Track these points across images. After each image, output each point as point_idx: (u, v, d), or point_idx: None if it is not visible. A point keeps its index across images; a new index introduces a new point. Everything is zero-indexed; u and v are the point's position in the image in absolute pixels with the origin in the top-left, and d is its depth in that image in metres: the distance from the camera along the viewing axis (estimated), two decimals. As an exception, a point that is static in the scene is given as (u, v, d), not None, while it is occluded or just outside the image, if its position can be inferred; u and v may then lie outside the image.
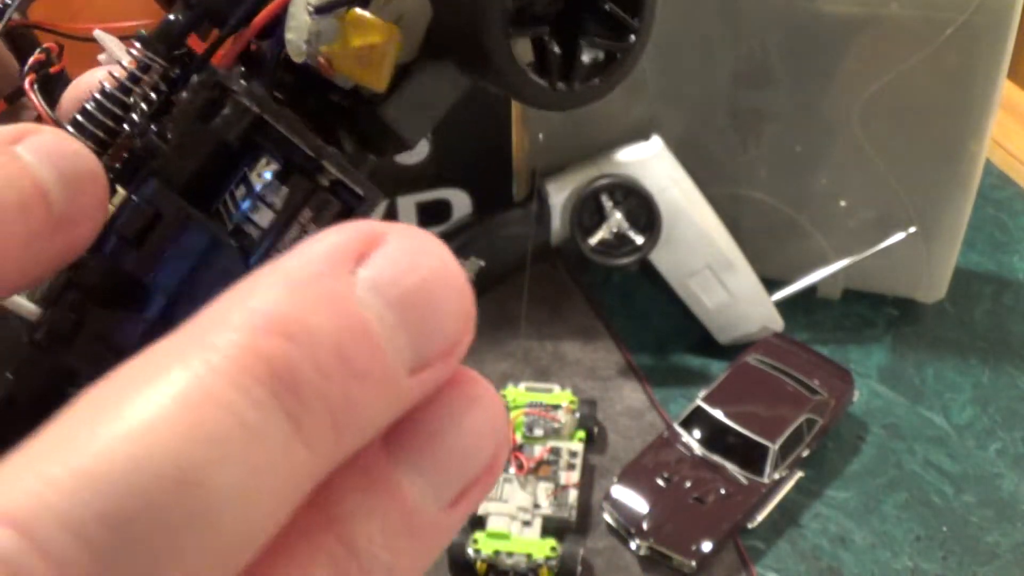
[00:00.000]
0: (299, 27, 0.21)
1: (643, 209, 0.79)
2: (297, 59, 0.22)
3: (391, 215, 0.84)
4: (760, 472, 0.70)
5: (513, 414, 0.72)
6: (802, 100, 0.79)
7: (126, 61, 0.22)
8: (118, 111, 0.22)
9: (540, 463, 0.70)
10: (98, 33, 0.28)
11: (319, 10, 0.21)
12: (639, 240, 0.79)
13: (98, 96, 0.22)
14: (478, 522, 0.67)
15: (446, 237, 0.95)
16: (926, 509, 0.72)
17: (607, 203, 0.79)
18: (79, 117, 0.22)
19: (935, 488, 0.73)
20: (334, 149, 0.21)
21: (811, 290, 0.86)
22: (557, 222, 0.81)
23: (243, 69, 0.22)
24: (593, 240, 0.80)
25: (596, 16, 0.23)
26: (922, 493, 0.73)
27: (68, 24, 0.32)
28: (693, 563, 0.66)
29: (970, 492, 0.73)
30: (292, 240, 0.21)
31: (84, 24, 0.31)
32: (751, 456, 0.71)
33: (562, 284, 0.90)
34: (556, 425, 0.72)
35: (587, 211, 0.80)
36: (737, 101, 0.80)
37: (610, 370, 0.82)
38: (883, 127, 0.78)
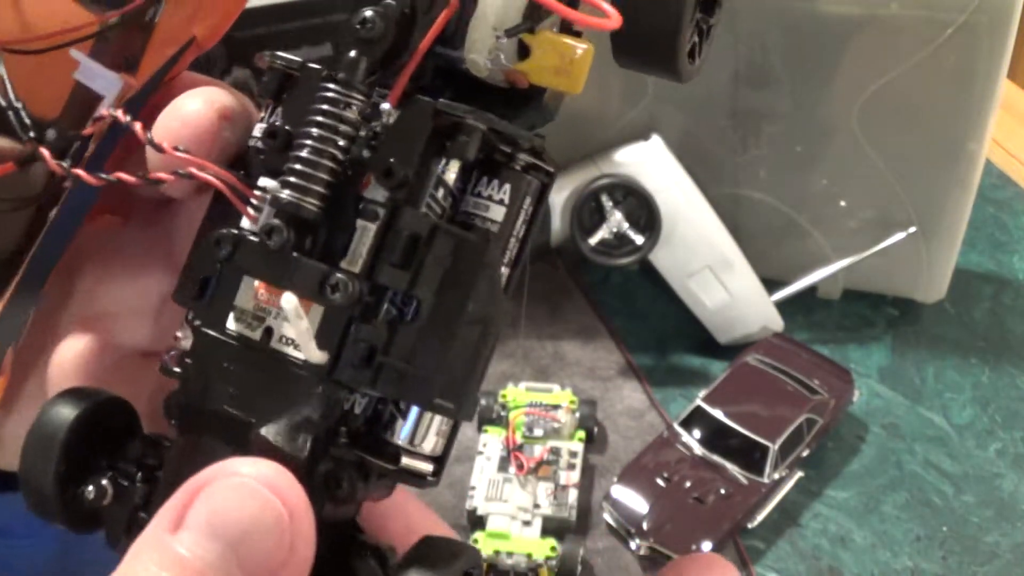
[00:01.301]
0: (481, 48, 0.24)
1: (643, 209, 0.79)
2: (480, 74, 0.24)
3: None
4: (760, 472, 0.70)
5: (513, 414, 0.72)
6: (802, 100, 0.79)
7: (323, 106, 0.24)
8: (334, 152, 0.23)
9: (540, 463, 0.70)
10: (75, 53, 0.28)
11: (509, 33, 0.24)
12: (639, 240, 0.79)
13: (312, 144, 0.23)
14: (478, 522, 0.67)
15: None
16: (926, 509, 0.72)
17: (607, 203, 0.79)
18: (301, 168, 0.23)
19: (935, 488, 0.73)
20: (528, 134, 0.25)
21: (811, 290, 0.86)
22: (557, 222, 0.81)
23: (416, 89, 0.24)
24: (593, 240, 0.80)
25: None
26: (922, 493, 0.73)
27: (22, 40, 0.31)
28: (693, 563, 0.66)
29: (970, 492, 0.73)
30: (521, 224, 0.25)
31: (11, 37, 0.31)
32: (751, 456, 0.71)
33: (562, 284, 0.90)
34: (556, 425, 0.72)
35: (587, 211, 0.80)
36: (737, 101, 0.80)
37: (610, 370, 0.82)
38: (883, 127, 0.78)
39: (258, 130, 0.25)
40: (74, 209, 0.30)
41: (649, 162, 0.80)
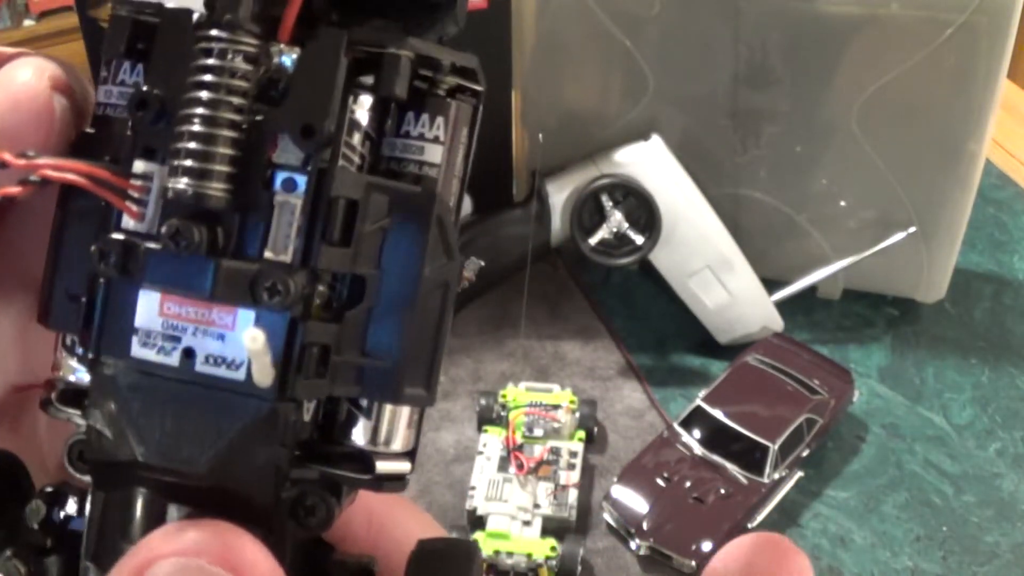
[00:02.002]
0: None
1: (643, 209, 0.79)
2: None
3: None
4: (760, 472, 0.70)
5: (513, 414, 0.72)
6: (802, 100, 0.79)
7: (210, 61, 0.19)
8: (233, 118, 0.19)
9: (540, 463, 0.70)
10: None
11: None
12: (639, 240, 0.79)
13: (202, 112, 0.19)
14: (478, 522, 0.67)
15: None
16: (926, 509, 0.72)
17: (607, 203, 0.79)
18: (195, 147, 0.19)
19: (935, 488, 0.73)
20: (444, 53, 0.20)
21: (811, 290, 0.86)
22: (557, 222, 0.81)
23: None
24: (593, 240, 0.80)
25: None
26: (922, 493, 0.73)
27: None
28: (693, 563, 0.66)
29: (970, 492, 0.73)
30: (461, 160, 0.22)
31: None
32: (751, 456, 0.71)
33: (562, 284, 0.90)
34: (556, 425, 0.72)
35: (587, 211, 0.80)
36: (737, 101, 0.80)
37: (610, 370, 0.82)
38: (883, 127, 0.78)
39: (108, 96, 0.20)
40: None
41: (649, 162, 0.80)
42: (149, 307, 0.19)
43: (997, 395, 0.80)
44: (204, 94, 0.19)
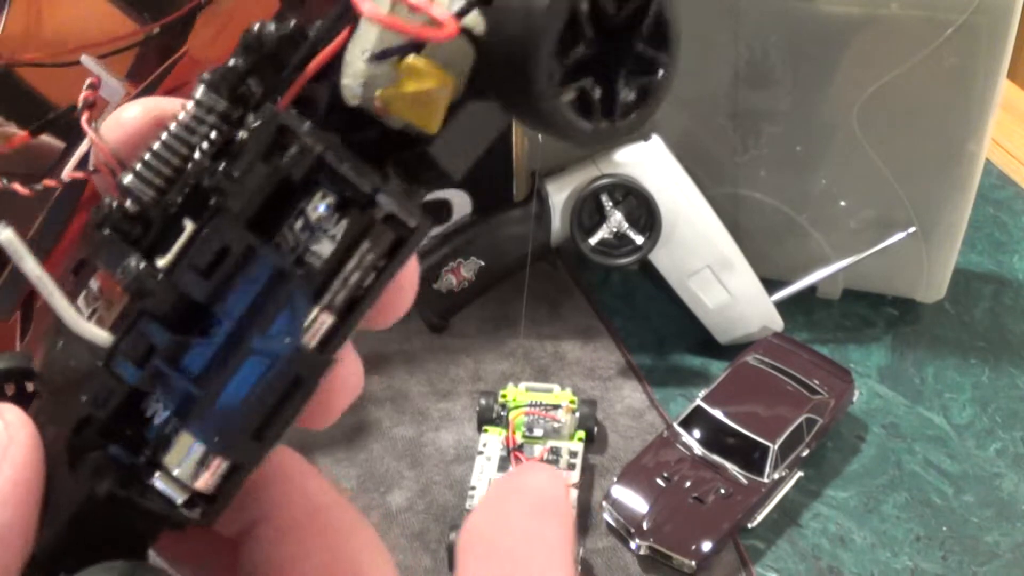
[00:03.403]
0: (354, 73, 0.22)
1: (643, 209, 0.79)
2: (352, 102, 0.23)
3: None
4: (760, 472, 0.70)
5: (513, 414, 0.72)
6: (802, 100, 0.79)
7: (190, 105, 0.23)
8: (185, 151, 0.23)
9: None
10: (85, 59, 0.29)
11: (376, 57, 0.22)
12: (639, 240, 0.79)
13: (165, 137, 0.23)
14: (478, 522, 0.67)
15: (446, 237, 0.95)
16: (926, 509, 0.72)
17: (607, 203, 0.79)
18: (148, 158, 0.23)
19: (935, 488, 0.73)
20: (389, 185, 0.23)
21: (811, 290, 0.86)
22: (557, 222, 0.81)
23: (296, 111, 0.23)
24: (593, 240, 0.80)
25: (628, 55, 0.24)
26: (922, 493, 0.73)
27: (45, 53, 0.32)
28: (693, 563, 0.66)
29: (970, 492, 0.73)
30: (352, 269, 0.23)
31: (57, 50, 0.31)
32: (751, 456, 0.71)
33: (562, 284, 0.90)
34: (556, 425, 0.72)
35: (587, 211, 0.80)
36: (737, 101, 0.80)
37: (610, 370, 0.82)
38: (883, 127, 0.78)
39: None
40: (63, 201, 0.30)
41: (649, 162, 0.80)
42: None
43: (997, 395, 0.80)
44: (173, 126, 0.23)
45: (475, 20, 0.22)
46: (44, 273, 0.22)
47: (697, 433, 0.72)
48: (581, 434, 0.73)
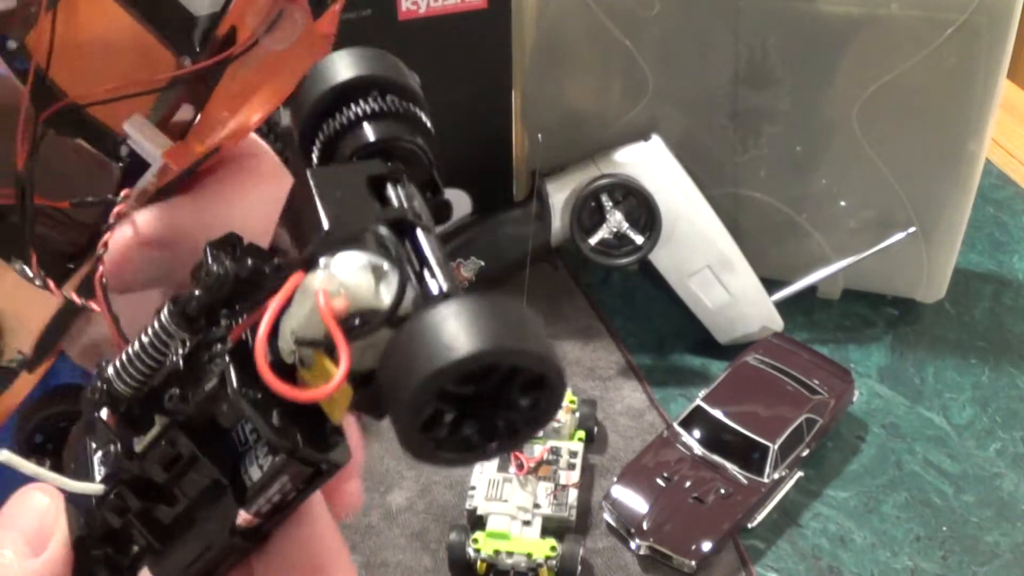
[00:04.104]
0: (286, 342, 0.25)
1: (643, 209, 0.79)
2: (287, 359, 0.26)
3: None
4: (760, 472, 0.70)
5: (513, 414, 0.72)
6: (802, 100, 0.79)
7: (157, 324, 0.28)
8: (151, 362, 0.28)
9: (540, 463, 0.70)
10: (131, 123, 0.29)
11: (298, 342, 0.25)
12: (639, 240, 0.79)
13: (136, 347, 0.28)
14: (478, 522, 0.67)
15: (446, 237, 0.95)
16: (926, 509, 0.72)
17: (607, 203, 0.79)
18: (123, 360, 0.28)
19: (935, 488, 0.73)
20: (306, 451, 0.27)
21: (811, 290, 0.86)
22: (557, 222, 0.81)
23: (230, 362, 0.27)
24: (593, 240, 0.80)
25: (506, 402, 0.25)
26: (922, 493, 0.73)
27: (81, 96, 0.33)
28: (693, 563, 0.66)
29: (970, 492, 0.73)
30: (274, 492, 0.27)
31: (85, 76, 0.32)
32: (751, 456, 0.71)
33: (562, 284, 0.90)
34: (556, 425, 0.72)
35: (587, 211, 0.80)
36: (737, 101, 0.80)
37: (610, 370, 0.82)
38: (883, 127, 0.78)
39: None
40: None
41: (649, 162, 0.80)
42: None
43: (997, 395, 0.80)
44: (144, 337, 0.28)
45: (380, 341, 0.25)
46: (40, 469, 0.28)
47: (697, 433, 0.72)
48: (581, 434, 0.73)
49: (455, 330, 0.24)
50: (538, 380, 0.25)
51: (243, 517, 0.28)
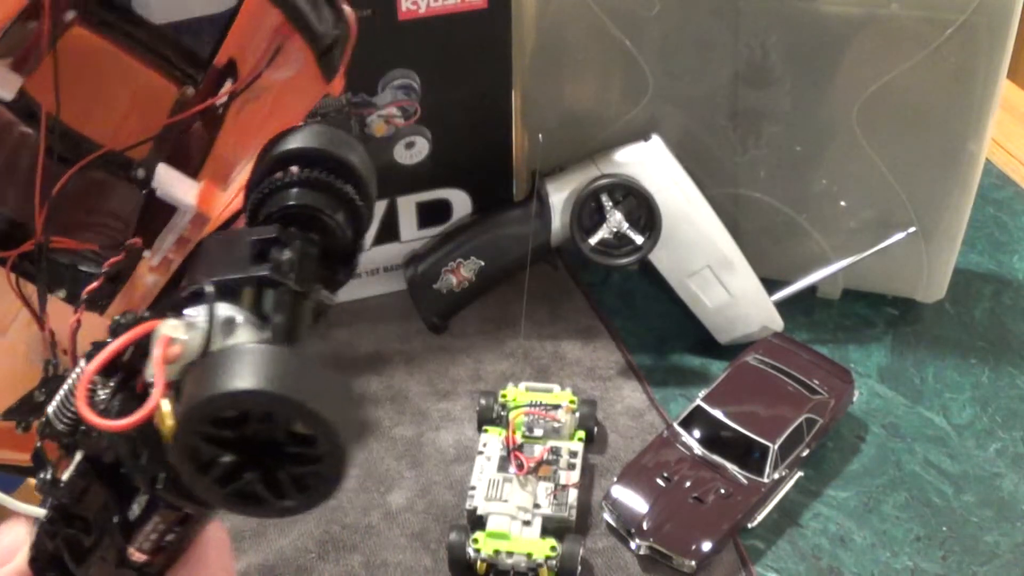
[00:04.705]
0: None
1: (643, 209, 0.79)
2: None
3: (391, 215, 0.84)
4: (760, 472, 0.70)
5: (513, 414, 0.72)
6: (802, 100, 0.79)
7: (74, 376, 0.31)
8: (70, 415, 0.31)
9: (540, 463, 0.70)
10: (161, 172, 0.31)
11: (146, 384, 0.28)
12: (639, 240, 0.79)
13: (62, 395, 0.31)
14: (478, 522, 0.67)
15: (446, 237, 0.95)
16: (926, 509, 0.72)
17: (607, 203, 0.79)
18: (56, 403, 0.31)
19: (935, 488, 0.73)
20: (166, 492, 0.30)
21: (811, 290, 0.86)
22: (557, 222, 0.81)
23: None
24: (593, 240, 0.80)
25: (284, 452, 0.28)
26: (922, 493, 0.73)
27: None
28: (693, 563, 0.67)
29: (970, 492, 0.73)
30: (150, 530, 0.31)
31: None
32: (751, 456, 0.71)
33: (562, 284, 0.90)
34: (556, 425, 0.72)
35: (587, 211, 0.80)
36: (737, 101, 0.80)
37: (610, 370, 0.82)
38: (883, 127, 0.78)
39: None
40: None
41: (649, 162, 0.80)
42: None
43: (997, 395, 0.80)
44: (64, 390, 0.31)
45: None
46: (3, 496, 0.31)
47: (697, 433, 0.72)
48: (581, 434, 0.73)
49: (224, 370, 0.26)
50: (310, 437, 0.26)
51: (133, 552, 0.31)
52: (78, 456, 0.30)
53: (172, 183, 0.33)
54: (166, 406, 0.27)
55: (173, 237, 0.34)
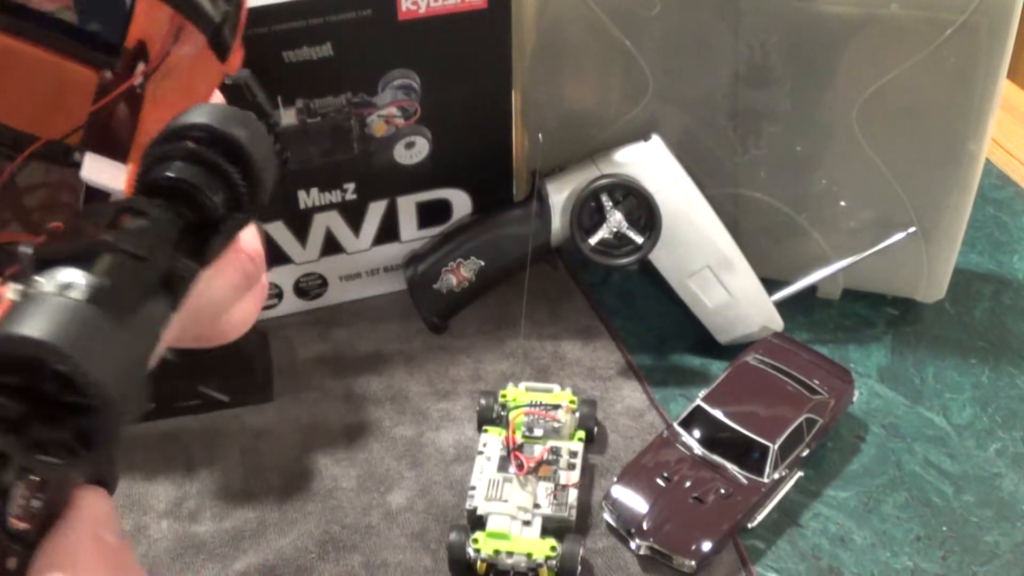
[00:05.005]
0: None
1: (643, 209, 0.79)
2: None
3: (391, 215, 0.84)
4: (760, 472, 0.70)
5: (513, 414, 0.72)
6: (802, 100, 0.79)
7: None
8: None
9: (540, 463, 0.70)
10: (88, 165, 0.32)
11: None
12: (639, 240, 0.79)
13: None
14: (478, 522, 0.67)
15: (446, 237, 0.95)
16: (926, 509, 0.72)
17: (607, 203, 0.79)
18: None
19: (935, 488, 0.73)
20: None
21: (811, 290, 0.86)
22: (557, 222, 0.81)
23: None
24: (593, 240, 0.80)
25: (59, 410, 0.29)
26: (922, 493, 0.73)
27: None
28: (693, 563, 0.67)
29: (970, 492, 0.73)
30: (20, 495, 0.32)
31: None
32: (751, 456, 0.71)
33: (562, 284, 0.90)
34: (556, 425, 0.72)
35: (587, 211, 0.80)
36: (737, 101, 0.80)
37: (610, 370, 0.82)
38: (883, 127, 0.78)
39: None
40: None
41: (649, 162, 0.80)
42: None
43: (997, 395, 0.80)
44: None
45: None
46: None
47: (697, 433, 0.73)
48: (581, 434, 0.73)
49: (7, 319, 0.28)
50: (85, 405, 0.28)
51: (11, 521, 0.32)
52: None
53: (99, 170, 0.34)
54: None
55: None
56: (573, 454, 0.72)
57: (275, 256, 0.82)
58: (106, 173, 0.35)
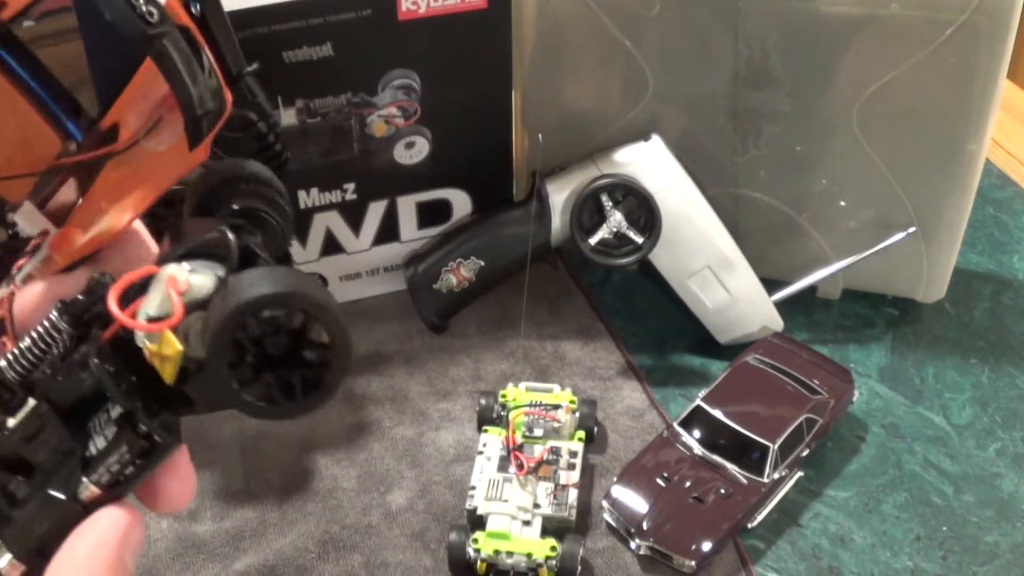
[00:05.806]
0: (141, 324, 0.33)
1: (643, 209, 0.79)
2: (140, 345, 0.33)
3: (391, 215, 0.84)
4: (760, 472, 0.70)
5: (513, 414, 0.72)
6: (802, 100, 0.79)
7: (46, 321, 0.34)
8: (38, 353, 0.34)
9: (540, 463, 0.70)
10: (20, 217, 0.34)
11: (149, 319, 0.32)
12: (639, 240, 0.79)
13: (27, 342, 0.34)
14: (478, 522, 0.67)
15: (446, 237, 0.95)
16: (926, 509, 0.72)
17: (607, 203, 0.79)
18: (15, 353, 0.34)
19: (935, 488, 0.73)
20: (146, 410, 0.34)
21: (811, 290, 0.86)
22: (557, 222, 0.81)
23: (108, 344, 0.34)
24: (593, 240, 0.80)
25: (299, 357, 0.33)
26: (922, 493, 0.73)
27: None
28: (693, 563, 0.67)
29: (970, 492, 0.73)
30: (114, 461, 0.34)
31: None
32: (751, 456, 0.71)
33: (562, 284, 0.90)
34: (556, 425, 0.72)
35: (587, 211, 0.80)
36: (737, 101, 0.80)
37: (610, 370, 0.82)
38: (883, 127, 0.78)
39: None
40: None
41: (649, 162, 0.80)
42: None
43: (997, 395, 0.80)
44: (33, 334, 0.35)
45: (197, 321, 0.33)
46: None
47: (697, 433, 0.73)
48: (581, 434, 0.73)
49: (255, 280, 0.32)
50: (323, 344, 0.32)
51: (88, 488, 0.34)
52: (31, 401, 0.34)
53: (32, 223, 0.37)
54: (171, 335, 0.32)
55: (27, 271, 0.38)
56: (573, 454, 0.72)
57: (275, 256, 0.82)
58: (36, 226, 0.37)
